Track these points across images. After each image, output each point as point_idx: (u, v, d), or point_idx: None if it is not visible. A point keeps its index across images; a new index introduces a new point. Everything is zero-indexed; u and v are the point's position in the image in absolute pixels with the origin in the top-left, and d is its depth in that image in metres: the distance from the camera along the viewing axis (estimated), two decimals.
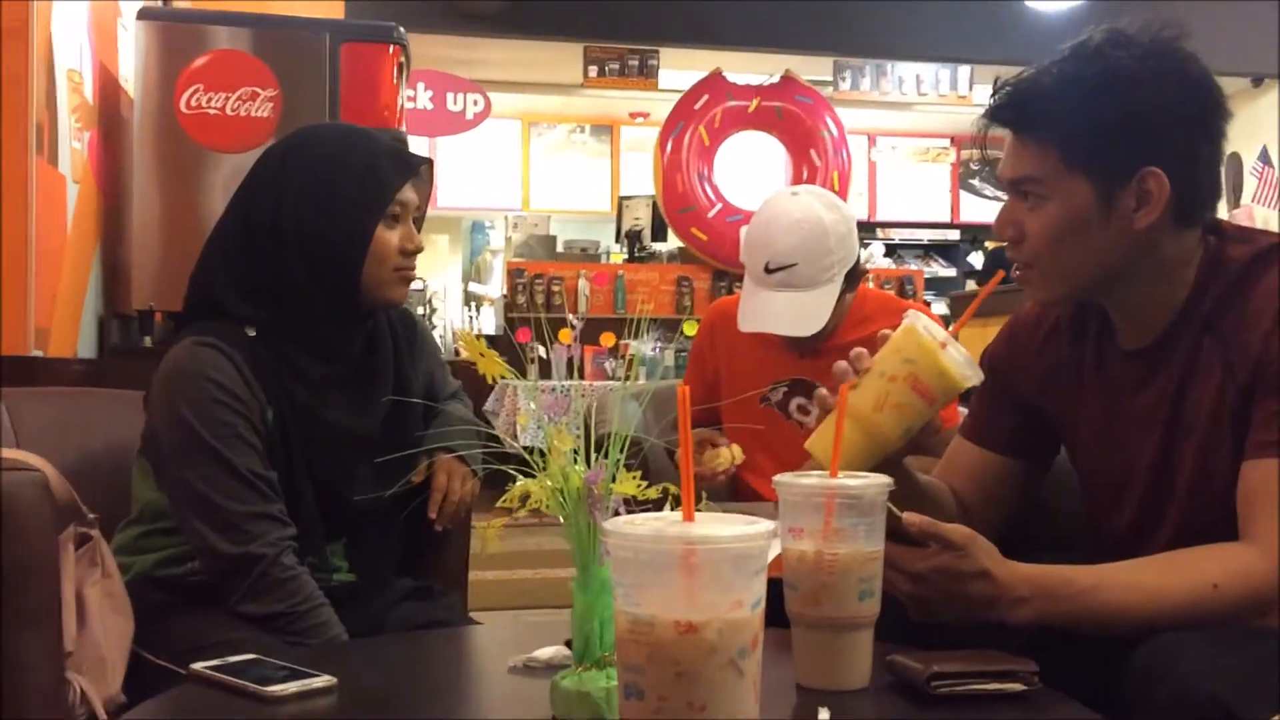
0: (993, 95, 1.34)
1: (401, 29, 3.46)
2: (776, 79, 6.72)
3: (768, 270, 2.08)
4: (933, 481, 1.49)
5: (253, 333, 1.54)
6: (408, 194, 1.60)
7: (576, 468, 1.02)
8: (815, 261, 2.06)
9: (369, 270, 1.56)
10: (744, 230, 2.25)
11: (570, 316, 0.99)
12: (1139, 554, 1.28)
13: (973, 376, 1.29)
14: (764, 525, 0.79)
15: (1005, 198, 1.35)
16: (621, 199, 7.29)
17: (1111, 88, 1.25)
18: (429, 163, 1.69)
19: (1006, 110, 1.32)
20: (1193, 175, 1.28)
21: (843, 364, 1.31)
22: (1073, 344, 1.44)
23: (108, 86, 3.31)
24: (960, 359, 1.28)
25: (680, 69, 7.53)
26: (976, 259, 9.42)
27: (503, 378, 1.12)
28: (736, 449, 2.07)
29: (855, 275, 2.14)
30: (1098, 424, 1.41)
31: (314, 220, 1.54)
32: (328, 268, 1.54)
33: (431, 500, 1.64)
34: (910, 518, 1.18)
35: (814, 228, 2.07)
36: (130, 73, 3.40)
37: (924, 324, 1.29)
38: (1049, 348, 1.46)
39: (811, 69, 7.45)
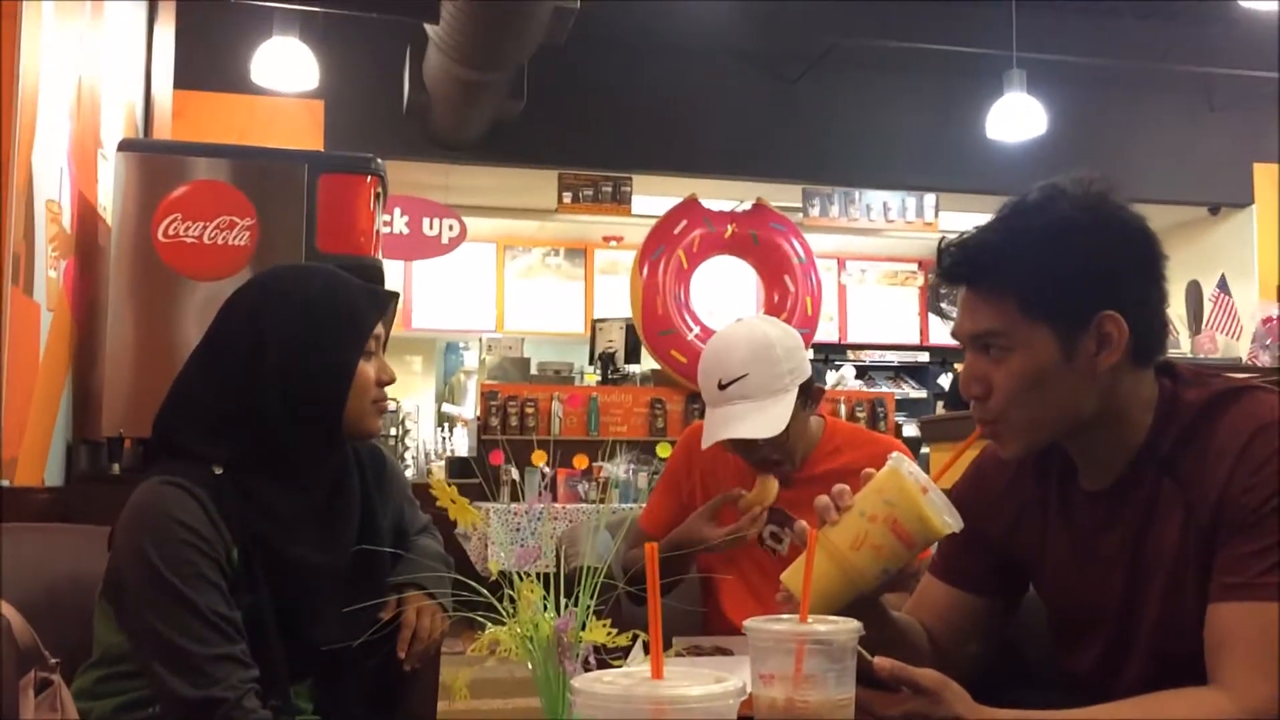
0: (940, 257, 1.37)
1: (379, 160, 3.52)
2: (748, 206, 6.87)
3: (721, 387, 2.11)
4: (906, 619, 1.49)
5: (219, 470, 1.54)
6: (378, 328, 1.64)
7: (546, 615, 1.02)
8: (766, 370, 2.09)
9: (351, 403, 1.59)
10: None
11: (542, 466, 1.00)
12: (1107, 692, 1.28)
13: (953, 524, 1.30)
14: (733, 682, 0.79)
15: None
16: (595, 321, 7.36)
17: (1061, 237, 1.30)
18: (397, 296, 1.73)
19: (961, 268, 1.35)
20: (1146, 316, 1.33)
21: (824, 499, 1.32)
22: (1037, 485, 1.46)
23: (86, 215, 3.34)
24: (940, 505, 1.29)
25: (652, 195, 7.69)
26: (946, 380, 9.51)
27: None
28: (770, 480, 2.09)
29: (811, 392, 2.17)
30: (1063, 564, 1.42)
31: (298, 359, 1.56)
32: (311, 404, 1.57)
33: (400, 639, 1.62)
34: (881, 663, 1.17)
35: (760, 340, 2.12)
36: (109, 201, 3.44)
37: (908, 467, 1.31)
38: (1015, 488, 1.48)
39: (781, 195, 7.63)
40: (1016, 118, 6.75)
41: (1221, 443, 1.28)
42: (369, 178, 3.47)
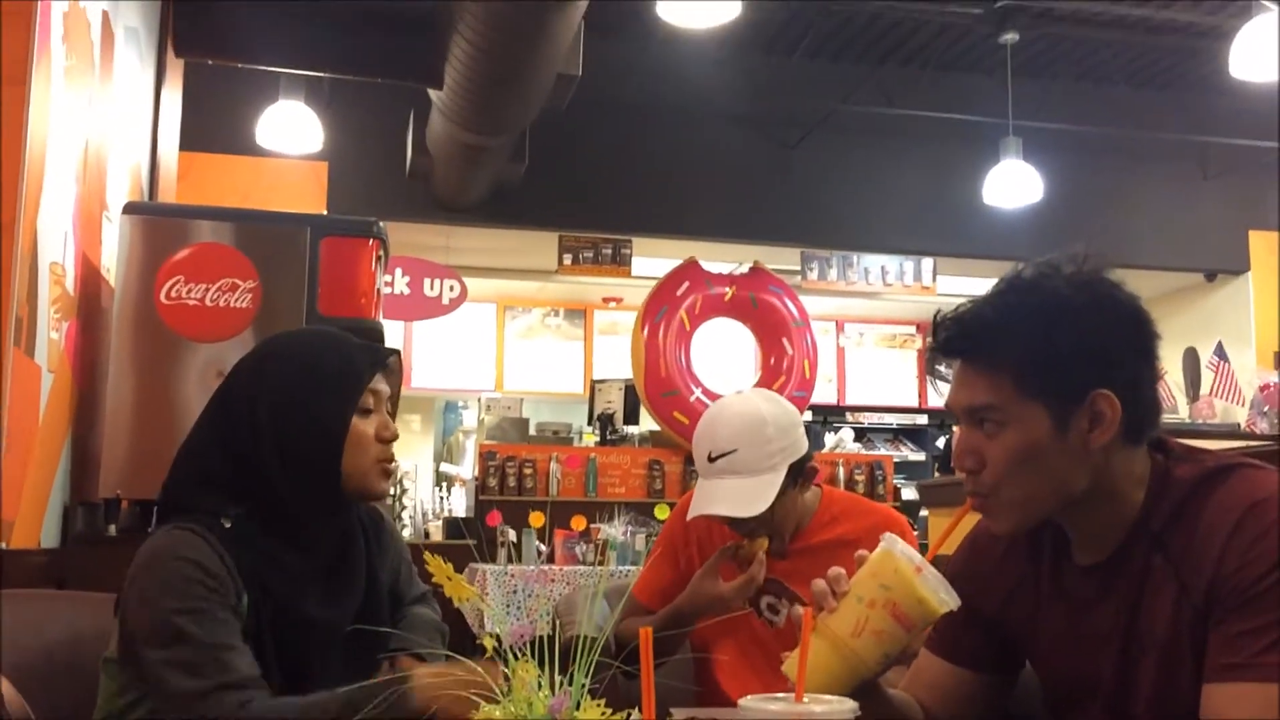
0: (935, 330, 1.39)
1: (380, 223, 3.55)
2: (746, 268, 6.90)
3: (710, 459, 2.11)
4: (902, 696, 1.49)
5: (228, 524, 1.55)
6: (379, 384, 1.65)
7: (540, 694, 1.02)
8: (755, 448, 2.09)
9: (349, 460, 1.59)
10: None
11: (539, 545, 1.00)
12: None
13: (950, 601, 1.30)
14: None
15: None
16: (594, 382, 7.36)
17: (1056, 316, 1.31)
18: (398, 353, 1.74)
19: (957, 342, 1.37)
20: (1139, 395, 1.34)
21: (821, 585, 1.32)
22: (1030, 559, 1.46)
23: (89, 278, 3.36)
24: (935, 583, 1.29)
25: (652, 256, 7.74)
26: (944, 443, 9.50)
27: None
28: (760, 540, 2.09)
29: (803, 471, 2.16)
30: (1057, 639, 1.42)
31: (291, 415, 1.57)
32: (307, 461, 1.57)
33: None
34: None
35: (753, 416, 2.12)
36: (112, 263, 3.47)
37: (900, 548, 1.30)
38: (1008, 564, 1.48)
39: (779, 259, 7.68)
40: (1013, 184, 6.81)
41: (1213, 520, 1.28)
42: (371, 240, 3.50)
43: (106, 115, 3.54)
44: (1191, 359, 8.29)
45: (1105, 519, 1.36)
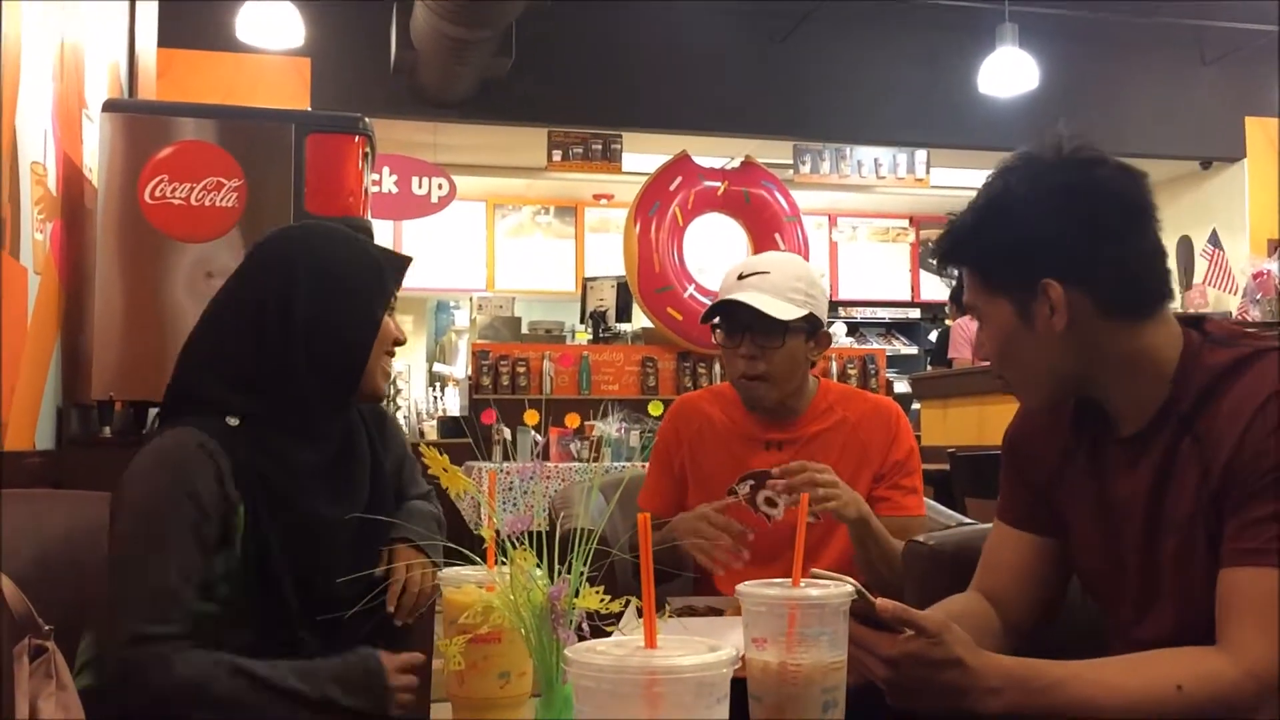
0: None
1: (366, 119, 3.49)
2: (737, 163, 6.82)
3: (740, 278, 2.15)
4: (969, 610, 1.48)
5: (234, 422, 1.55)
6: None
7: (539, 581, 1.02)
8: (788, 278, 2.14)
9: (372, 358, 1.64)
10: None
11: (534, 435, 1.00)
12: (1145, 645, 1.29)
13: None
14: (726, 651, 0.79)
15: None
16: (586, 280, 7.33)
17: (1000, 211, 1.36)
18: (410, 260, 1.76)
19: (942, 243, 1.44)
20: (1106, 275, 1.32)
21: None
22: (1074, 434, 1.46)
23: (71, 177, 3.31)
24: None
25: (642, 152, 7.64)
26: (936, 337, 9.53)
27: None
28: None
29: (818, 332, 2.20)
30: (1089, 509, 1.43)
31: (326, 322, 1.60)
32: (335, 365, 1.61)
33: (390, 592, 1.63)
34: (884, 604, 1.18)
35: (795, 258, 2.25)
36: (94, 163, 3.41)
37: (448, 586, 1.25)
38: (1053, 436, 1.48)
39: (772, 152, 7.58)
40: (1008, 72, 6.69)
41: (1238, 403, 1.27)
42: (357, 137, 3.44)
43: (81, 11, 3.45)
44: (1185, 247, 8.26)
45: (1131, 393, 1.35)
